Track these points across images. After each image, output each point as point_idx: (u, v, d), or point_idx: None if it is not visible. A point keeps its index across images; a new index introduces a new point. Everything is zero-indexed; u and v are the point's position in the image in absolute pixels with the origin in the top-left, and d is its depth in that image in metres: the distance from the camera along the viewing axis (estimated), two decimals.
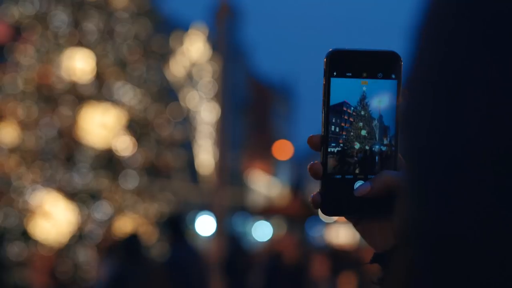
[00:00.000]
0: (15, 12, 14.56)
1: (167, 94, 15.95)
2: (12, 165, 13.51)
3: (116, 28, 14.83)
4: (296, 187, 36.40)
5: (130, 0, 15.32)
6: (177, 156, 15.05)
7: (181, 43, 17.09)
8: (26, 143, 13.59)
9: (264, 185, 53.98)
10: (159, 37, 15.74)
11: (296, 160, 65.18)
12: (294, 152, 54.15)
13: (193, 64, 17.37)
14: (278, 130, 63.59)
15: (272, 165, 59.52)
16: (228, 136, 14.54)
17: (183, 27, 43.41)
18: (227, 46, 16.13)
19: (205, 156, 17.90)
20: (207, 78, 17.58)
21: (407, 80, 0.58)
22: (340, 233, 31.68)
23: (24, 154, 13.58)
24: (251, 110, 53.94)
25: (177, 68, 16.83)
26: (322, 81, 1.06)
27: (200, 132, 17.32)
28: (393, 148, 1.03)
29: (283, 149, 52.96)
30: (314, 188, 0.99)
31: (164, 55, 16.27)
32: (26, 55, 14.29)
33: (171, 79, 16.21)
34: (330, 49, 1.06)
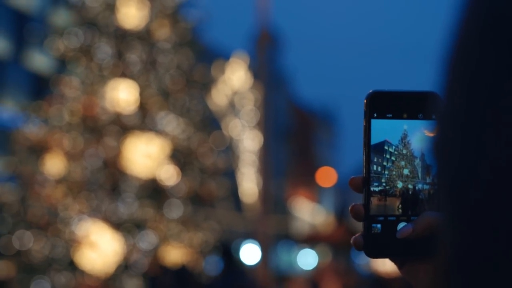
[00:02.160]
0: (61, 45, 14.87)
1: (210, 123, 16.04)
2: (59, 196, 13.68)
3: (159, 58, 15.02)
4: (340, 214, 36.11)
5: (172, 30, 15.54)
6: (221, 184, 15.05)
7: (222, 72, 17.21)
8: (72, 174, 13.76)
9: (308, 212, 53.64)
10: (201, 66, 15.90)
11: (340, 187, 64.69)
12: (337, 178, 53.78)
13: (235, 93, 17.45)
14: (321, 156, 63.30)
15: (316, 192, 59.17)
16: (271, 164, 14.48)
17: (225, 56, 43.85)
18: (268, 73, 16.19)
19: (249, 184, 17.86)
20: (249, 106, 17.62)
21: (437, 113, 0.59)
22: (387, 260, 31.13)
23: (70, 185, 13.75)
24: (294, 137, 53.88)
25: (219, 97, 16.91)
26: (362, 122, 1.06)
27: (243, 160, 17.31)
28: (435, 187, 1.02)
29: (326, 176, 52.61)
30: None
31: (206, 84, 16.41)
32: (71, 87, 14.55)
33: (214, 108, 16.29)
34: (370, 91, 1.06)
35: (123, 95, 14.41)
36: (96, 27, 14.99)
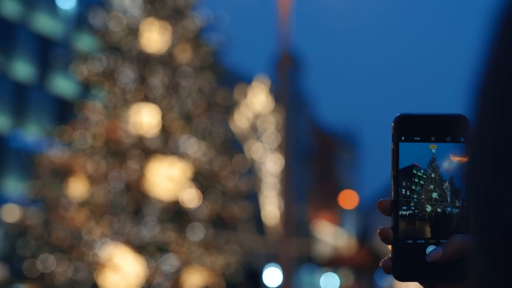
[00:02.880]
0: (84, 70, 15.06)
1: (232, 146, 16.08)
2: (82, 219, 13.75)
3: (181, 82, 15.13)
4: (362, 236, 35.83)
5: (194, 54, 15.67)
6: (243, 207, 15.04)
7: (244, 95, 17.29)
8: (95, 197, 13.84)
9: (330, 235, 53.30)
10: (223, 90, 15.97)
11: (362, 209, 64.26)
12: (360, 201, 53.46)
13: (257, 116, 17.49)
14: (343, 179, 63.03)
15: (338, 215, 58.82)
16: (292, 187, 14.47)
17: (246, 79, 43.99)
18: (290, 96, 16.22)
19: (271, 207, 17.83)
20: (271, 129, 17.65)
21: (467, 137, 0.60)
22: (410, 283, 30.82)
23: (94, 208, 13.82)
24: (316, 159, 53.74)
25: (241, 120, 16.96)
26: (388, 144, 1.06)
27: (265, 183, 17.30)
28: (465, 210, 1.02)
29: (348, 199, 52.34)
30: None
31: (228, 107, 16.48)
32: (94, 111, 14.70)
33: (236, 131, 16.34)
34: (398, 114, 1.06)
35: (145, 118, 14.52)
36: (119, 52, 15.16)
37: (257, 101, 17.15)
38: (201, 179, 14.78)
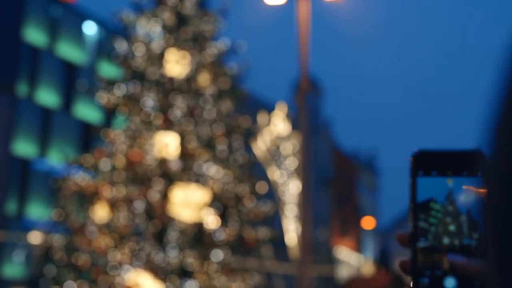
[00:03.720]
0: (108, 97, 15.36)
1: (253, 170, 16.21)
2: (105, 244, 13.94)
3: (202, 108, 15.35)
4: (382, 258, 35.53)
5: (215, 80, 15.89)
6: (263, 231, 15.13)
7: (264, 119, 17.48)
8: (118, 222, 14.02)
9: (349, 257, 52.95)
10: (243, 115, 16.14)
11: (381, 232, 63.76)
12: (379, 223, 53.14)
13: (277, 140, 17.67)
14: (363, 202, 62.75)
15: (357, 238, 58.46)
16: (311, 210, 14.58)
17: (266, 104, 44.24)
18: (309, 120, 16.37)
19: (291, 230, 17.91)
20: (291, 154, 17.79)
21: (483, 172, 0.63)
22: None
23: (116, 233, 14.00)
24: (336, 182, 53.64)
25: (261, 144, 17.16)
26: (408, 178, 1.08)
27: (285, 207, 17.42)
28: (482, 241, 1.03)
29: (367, 221, 52.09)
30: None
31: (248, 132, 16.63)
32: (118, 137, 14.95)
33: (256, 155, 16.51)
34: (416, 150, 1.10)
35: (167, 144, 14.73)
36: (142, 79, 15.44)
37: (277, 126, 17.33)
38: (223, 203, 14.90)
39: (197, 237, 14.21)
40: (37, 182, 30.41)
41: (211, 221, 14.49)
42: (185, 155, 14.87)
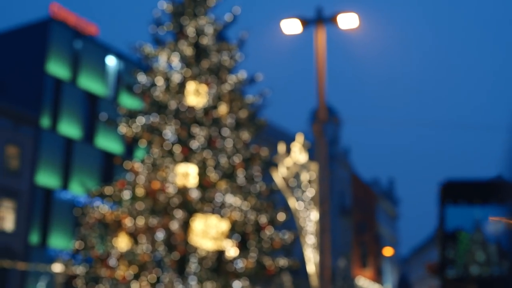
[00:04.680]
0: (129, 128, 15.63)
1: (271, 199, 16.32)
2: (125, 273, 14.07)
3: (221, 138, 15.54)
4: (401, 286, 35.23)
5: (233, 111, 16.10)
6: (283, 260, 15.18)
7: (283, 149, 17.64)
8: (138, 252, 14.16)
9: (369, 286, 52.51)
10: (262, 145, 16.30)
11: (400, 260, 63.21)
12: (398, 252, 52.76)
13: (296, 169, 17.79)
14: (383, 230, 62.39)
15: (377, 266, 58.04)
16: (330, 239, 14.64)
17: (284, 133, 44.35)
18: (327, 149, 16.49)
19: (311, 259, 17.93)
20: (310, 183, 17.89)
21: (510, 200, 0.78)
22: None
23: (137, 263, 14.13)
24: (355, 211, 53.48)
25: (280, 174, 17.31)
26: (437, 208, 1.27)
27: (306, 236, 17.49)
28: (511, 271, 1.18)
29: (387, 250, 51.73)
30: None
31: (267, 162, 16.76)
32: (138, 167, 15.16)
33: (275, 184, 16.64)
34: (444, 180, 1.29)
35: (188, 174, 14.91)
36: (162, 110, 15.70)
37: (296, 155, 17.48)
38: (242, 232, 14.99)
39: (217, 266, 14.28)
40: (60, 212, 30.77)
41: (231, 250, 14.56)
42: (205, 185, 15.01)
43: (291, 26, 14.86)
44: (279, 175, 17.44)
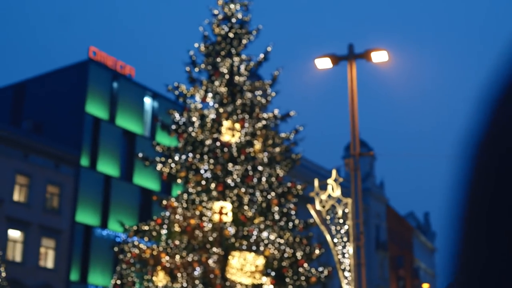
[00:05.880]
0: (166, 166, 15.94)
1: (307, 234, 16.36)
2: None
3: (255, 174, 15.69)
4: None
5: (267, 147, 16.26)
6: None
7: (318, 183, 17.80)
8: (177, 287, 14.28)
9: None
10: (296, 180, 16.43)
11: None
12: (437, 286, 51.74)
13: (331, 204, 17.85)
14: (420, 263, 61.46)
15: None
16: (365, 273, 14.63)
17: (319, 168, 44.13)
18: (363, 183, 16.50)
19: None
20: (346, 217, 17.91)
21: None
22: None
23: None
24: (391, 244, 52.90)
25: (316, 208, 17.43)
26: None
27: (341, 270, 17.47)
28: None
29: (426, 286, 50.89)
30: None
31: (303, 197, 16.84)
32: (175, 204, 15.36)
33: (311, 219, 16.72)
34: None
35: (224, 211, 15.06)
36: (198, 147, 15.95)
37: (331, 189, 17.58)
38: (278, 267, 15.02)
39: None
40: (99, 250, 31.13)
41: (268, 286, 14.59)
42: (241, 220, 15.13)
43: (324, 63, 15.12)
44: (315, 210, 17.55)
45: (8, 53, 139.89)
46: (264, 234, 15.09)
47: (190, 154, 15.86)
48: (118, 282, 15.50)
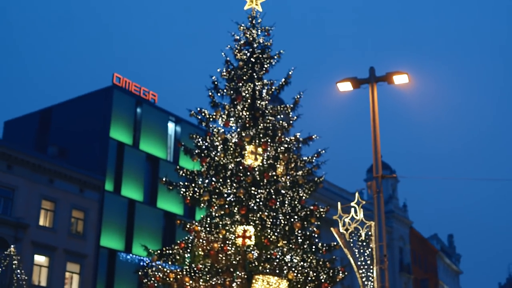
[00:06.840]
0: (189, 190, 16.04)
1: (331, 257, 16.33)
2: None
3: (278, 197, 15.73)
4: None
5: (289, 170, 16.31)
6: None
7: (341, 206, 17.78)
8: None
9: None
10: (319, 203, 16.43)
11: None
12: None
13: (355, 227, 17.80)
14: (444, 286, 60.70)
15: None
16: None
17: (342, 191, 43.82)
18: (387, 205, 16.43)
19: None
20: (369, 239, 17.84)
21: None
22: None
23: None
24: (415, 266, 52.36)
25: (339, 232, 17.39)
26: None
27: None
28: None
29: None
30: None
31: (326, 219, 16.85)
32: (199, 229, 15.44)
33: (335, 242, 16.70)
34: None
35: (247, 234, 15.10)
36: (221, 171, 16.05)
37: (355, 212, 17.52)
38: None
39: None
40: (123, 274, 31.25)
41: None
42: (264, 244, 15.14)
43: (345, 86, 15.22)
44: (338, 233, 17.51)
45: (35, 80, 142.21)
46: (287, 257, 15.10)
47: (213, 178, 15.97)
48: None
